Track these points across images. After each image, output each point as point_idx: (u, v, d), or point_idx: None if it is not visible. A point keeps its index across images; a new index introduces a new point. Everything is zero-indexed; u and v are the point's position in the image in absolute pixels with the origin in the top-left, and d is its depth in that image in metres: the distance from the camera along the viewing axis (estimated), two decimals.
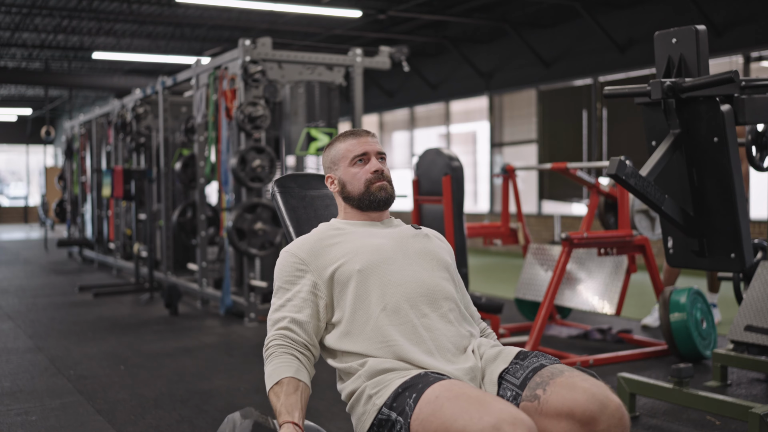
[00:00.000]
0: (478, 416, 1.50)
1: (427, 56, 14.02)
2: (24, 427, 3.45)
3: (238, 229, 5.84)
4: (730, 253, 2.95)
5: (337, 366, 1.86)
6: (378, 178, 2.00)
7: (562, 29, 11.30)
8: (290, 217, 2.23)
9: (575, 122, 11.03)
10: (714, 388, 3.84)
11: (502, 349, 1.86)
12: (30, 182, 24.89)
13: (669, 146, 2.92)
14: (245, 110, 5.89)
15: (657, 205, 2.89)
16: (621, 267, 4.85)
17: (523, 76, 12.02)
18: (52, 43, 14.06)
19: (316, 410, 3.59)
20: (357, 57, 6.55)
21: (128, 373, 4.44)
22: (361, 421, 1.78)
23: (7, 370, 4.53)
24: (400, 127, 15.68)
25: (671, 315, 4.42)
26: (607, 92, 3.12)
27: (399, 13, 10.97)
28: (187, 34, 13.28)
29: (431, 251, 1.98)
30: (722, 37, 8.94)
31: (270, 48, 6.25)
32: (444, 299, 1.88)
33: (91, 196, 11.04)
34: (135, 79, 14.61)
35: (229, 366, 4.56)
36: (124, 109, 9.16)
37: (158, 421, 3.51)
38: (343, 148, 2.04)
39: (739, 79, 2.76)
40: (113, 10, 11.39)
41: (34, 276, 9.45)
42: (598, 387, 1.63)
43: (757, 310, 3.80)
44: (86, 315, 6.45)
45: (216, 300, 6.55)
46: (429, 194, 4.99)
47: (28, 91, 20.20)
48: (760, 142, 3.46)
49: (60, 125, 24.38)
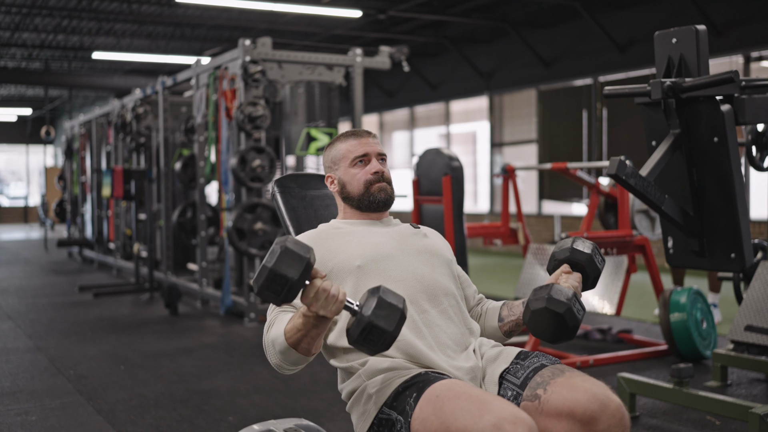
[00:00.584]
0: (479, 415, 1.50)
1: (427, 56, 14.02)
2: (24, 427, 3.45)
3: (238, 229, 5.84)
4: (730, 253, 2.95)
5: (338, 365, 1.86)
6: (378, 180, 2.00)
7: (562, 29, 11.30)
8: (290, 217, 2.23)
9: (575, 122, 11.03)
10: (714, 388, 3.84)
11: (502, 349, 1.86)
12: (30, 182, 24.89)
13: (669, 146, 2.92)
14: (245, 110, 5.89)
15: (657, 205, 2.89)
16: (621, 267, 4.85)
17: (523, 76, 12.02)
18: (52, 43, 14.06)
19: (316, 410, 3.59)
20: (357, 57, 6.55)
21: (128, 373, 4.44)
22: (361, 421, 1.77)
23: (7, 370, 4.53)
24: (400, 127, 15.68)
25: (671, 315, 4.42)
26: (607, 92, 3.12)
27: (399, 13, 10.97)
28: (187, 34, 13.28)
29: (430, 248, 1.98)
30: (722, 37, 8.94)
31: (270, 48, 6.25)
32: (444, 295, 1.89)
33: (91, 196, 11.04)
34: (135, 79, 14.60)
35: (229, 366, 4.56)
36: (124, 109, 9.16)
37: (158, 421, 3.51)
38: (343, 149, 2.04)
39: (739, 79, 2.76)
40: (113, 10, 11.39)
41: (34, 276, 9.45)
42: (598, 387, 1.63)
43: (757, 310, 3.81)
44: (86, 315, 6.45)
45: (216, 300, 6.55)
46: (429, 194, 4.99)
47: (28, 91, 20.20)
48: (760, 142, 3.46)
49: (60, 125, 24.38)
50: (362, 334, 1.49)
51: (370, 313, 1.48)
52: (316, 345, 1.66)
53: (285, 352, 1.68)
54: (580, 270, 1.88)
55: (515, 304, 2.00)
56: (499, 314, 2.00)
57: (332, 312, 1.53)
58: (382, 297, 1.49)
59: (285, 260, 1.46)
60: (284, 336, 1.66)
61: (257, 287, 1.47)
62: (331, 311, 1.53)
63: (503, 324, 1.98)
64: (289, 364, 1.71)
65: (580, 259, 1.87)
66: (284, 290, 1.46)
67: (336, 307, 1.52)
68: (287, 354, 1.67)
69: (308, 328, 1.60)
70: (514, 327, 1.97)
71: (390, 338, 1.49)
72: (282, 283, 1.46)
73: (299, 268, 1.46)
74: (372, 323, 1.47)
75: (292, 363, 1.71)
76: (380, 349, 1.51)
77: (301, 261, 1.47)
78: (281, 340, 1.67)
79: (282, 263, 1.46)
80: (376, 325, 1.48)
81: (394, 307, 1.49)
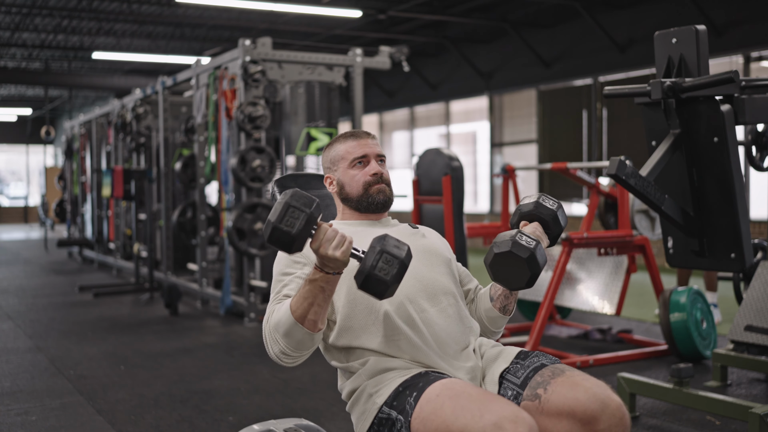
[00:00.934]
0: (479, 414, 1.50)
1: (427, 56, 14.02)
2: (24, 427, 3.45)
3: (238, 229, 5.84)
4: (730, 253, 2.94)
5: (338, 365, 1.86)
6: (377, 181, 2.00)
7: (562, 29, 11.30)
8: None
9: (575, 122, 11.03)
10: (714, 388, 3.84)
11: (503, 349, 1.86)
12: (30, 182, 24.89)
13: (669, 146, 2.91)
14: (245, 110, 5.89)
15: (657, 205, 2.89)
16: (621, 267, 4.85)
17: (523, 76, 12.02)
18: (52, 43, 14.06)
19: (316, 410, 3.59)
20: (357, 57, 6.54)
21: (128, 373, 4.44)
22: (361, 420, 1.78)
23: (7, 370, 4.53)
24: (400, 127, 15.68)
25: (671, 315, 4.42)
26: (607, 92, 3.12)
27: (399, 13, 10.97)
28: (187, 34, 13.28)
29: (429, 248, 1.98)
30: (722, 37, 8.94)
31: (270, 48, 6.25)
32: (443, 294, 1.89)
33: (91, 196, 11.04)
34: (135, 79, 14.60)
35: (229, 366, 4.55)
36: (124, 109, 9.16)
37: (158, 421, 3.51)
38: (342, 150, 2.04)
39: (739, 79, 2.76)
40: (113, 10, 11.39)
41: (34, 276, 9.45)
42: (599, 386, 1.63)
43: (757, 310, 3.81)
44: (86, 315, 6.45)
45: (216, 300, 6.55)
46: (429, 194, 4.99)
47: (28, 91, 20.20)
48: (760, 142, 3.46)
49: (60, 125, 24.38)
50: (366, 282, 1.54)
51: (371, 263, 1.53)
52: (322, 317, 1.67)
53: (290, 332, 1.67)
54: (544, 226, 1.92)
55: None
56: (489, 294, 2.00)
57: (343, 253, 1.57)
58: (385, 247, 1.54)
59: (292, 210, 1.53)
60: (290, 310, 1.66)
61: (267, 234, 1.55)
62: (342, 252, 1.57)
63: (495, 301, 1.97)
64: (293, 347, 1.69)
65: (545, 215, 1.92)
66: (297, 226, 1.53)
67: (346, 247, 1.57)
68: (292, 332, 1.67)
69: (315, 293, 1.63)
70: (504, 300, 1.96)
71: (390, 288, 1.55)
72: (290, 225, 1.53)
73: (305, 216, 1.53)
74: (372, 274, 1.53)
75: (296, 345, 1.69)
76: (385, 295, 1.56)
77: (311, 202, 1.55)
78: (286, 318, 1.67)
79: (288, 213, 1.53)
80: (377, 275, 1.53)
81: (395, 258, 1.54)
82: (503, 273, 1.78)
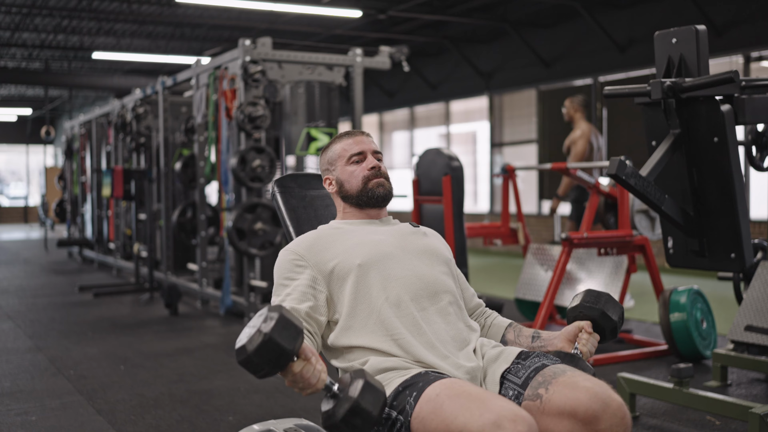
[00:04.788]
0: (478, 413, 1.50)
1: (427, 56, 14.02)
2: (24, 427, 3.45)
3: (238, 229, 5.84)
4: (730, 253, 2.94)
5: (338, 365, 1.87)
6: (375, 175, 2.01)
7: (562, 29, 11.30)
8: (290, 217, 2.23)
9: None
10: (714, 388, 3.84)
11: (503, 349, 1.86)
12: (30, 182, 24.88)
13: (669, 146, 2.91)
14: (245, 110, 5.89)
15: (657, 205, 2.89)
16: (621, 267, 4.85)
17: (523, 76, 12.02)
18: (52, 43, 14.06)
19: (316, 410, 3.59)
20: (357, 57, 6.55)
21: (128, 373, 4.44)
22: None
23: (7, 370, 4.53)
24: (400, 127, 15.68)
25: (671, 315, 4.42)
26: (607, 92, 3.12)
27: (399, 13, 10.96)
28: (187, 34, 13.27)
29: (430, 247, 1.99)
30: (722, 37, 8.94)
31: (270, 48, 6.25)
32: (443, 293, 1.89)
33: (91, 196, 11.04)
34: (135, 79, 14.60)
35: (229, 366, 4.56)
36: (124, 109, 9.16)
37: (158, 421, 3.51)
38: (339, 148, 2.05)
39: (739, 79, 2.76)
40: (113, 10, 11.38)
41: (34, 276, 9.45)
42: (600, 386, 1.63)
43: (757, 310, 3.81)
44: (86, 315, 6.45)
45: (216, 300, 6.55)
46: (429, 194, 4.99)
47: (28, 91, 20.20)
48: (760, 142, 3.46)
49: (60, 125, 24.38)
50: (347, 416, 1.45)
51: (357, 395, 1.45)
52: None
53: None
54: (599, 331, 1.90)
55: (523, 333, 1.99)
56: (504, 336, 2.00)
57: (309, 394, 1.52)
58: (367, 380, 1.48)
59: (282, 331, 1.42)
60: None
61: (246, 353, 1.41)
62: (309, 393, 1.52)
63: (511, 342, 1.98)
64: None
65: (605, 326, 1.89)
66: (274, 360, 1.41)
67: (312, 391, 1.51)
68: None
69: None
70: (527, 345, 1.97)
71: (374, 420, 1.47)
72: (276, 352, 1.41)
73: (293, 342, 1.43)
74: (358, 404, 1.45)
75: None
76: None
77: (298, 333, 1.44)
78: None
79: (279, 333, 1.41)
80: (363, 407, 1.45)
81: (378, 391, 1.48)
82: None
